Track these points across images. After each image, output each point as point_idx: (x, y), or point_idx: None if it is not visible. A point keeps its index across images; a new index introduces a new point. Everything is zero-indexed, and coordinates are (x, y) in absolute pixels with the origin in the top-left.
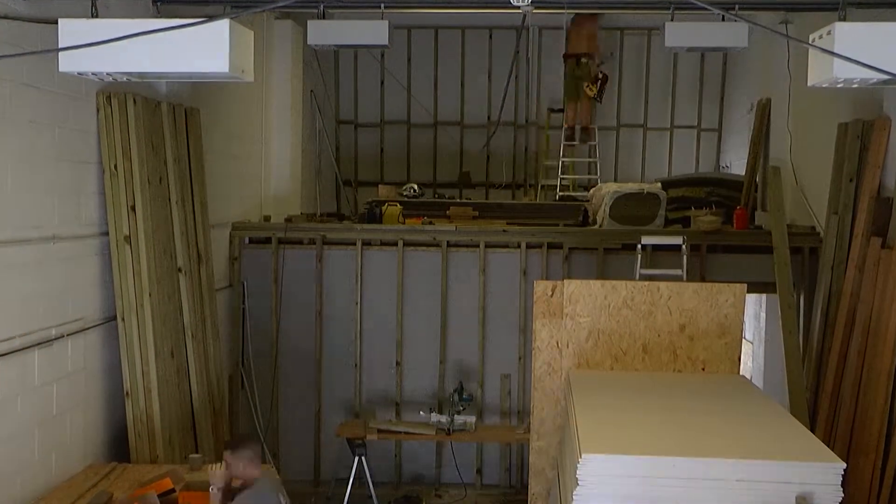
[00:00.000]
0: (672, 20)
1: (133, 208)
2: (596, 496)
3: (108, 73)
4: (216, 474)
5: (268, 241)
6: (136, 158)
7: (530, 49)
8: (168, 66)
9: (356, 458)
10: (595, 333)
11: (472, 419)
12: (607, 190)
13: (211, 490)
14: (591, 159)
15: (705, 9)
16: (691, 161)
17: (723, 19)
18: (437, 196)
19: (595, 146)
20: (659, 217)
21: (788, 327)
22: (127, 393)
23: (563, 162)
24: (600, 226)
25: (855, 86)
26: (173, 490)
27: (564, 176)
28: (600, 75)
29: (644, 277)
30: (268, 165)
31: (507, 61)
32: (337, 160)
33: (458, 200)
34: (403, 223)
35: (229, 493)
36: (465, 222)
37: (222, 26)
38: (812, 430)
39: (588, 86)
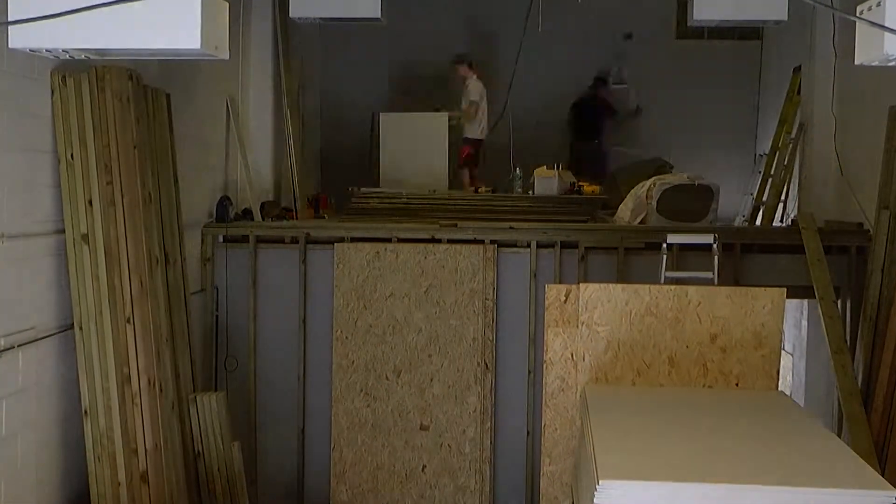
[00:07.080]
0: None
1: (91, 203)
2: None
3: (63, 50)
4: None
5: (245, 239)
6: (95, 147)
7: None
8: (132, 42)
9: None
10: (615, 344)
11: None
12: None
13: None
14: None
15: None
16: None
17: None
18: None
19: None
20: (712, 212)
21: (834, 338)
22: (85, 411)
23: None
24: (641, 222)
25: None
26: None
27: None
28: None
29: (670, 281)
30: (245, 154)
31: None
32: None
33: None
34: None
35: None
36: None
37: None
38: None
39: None
